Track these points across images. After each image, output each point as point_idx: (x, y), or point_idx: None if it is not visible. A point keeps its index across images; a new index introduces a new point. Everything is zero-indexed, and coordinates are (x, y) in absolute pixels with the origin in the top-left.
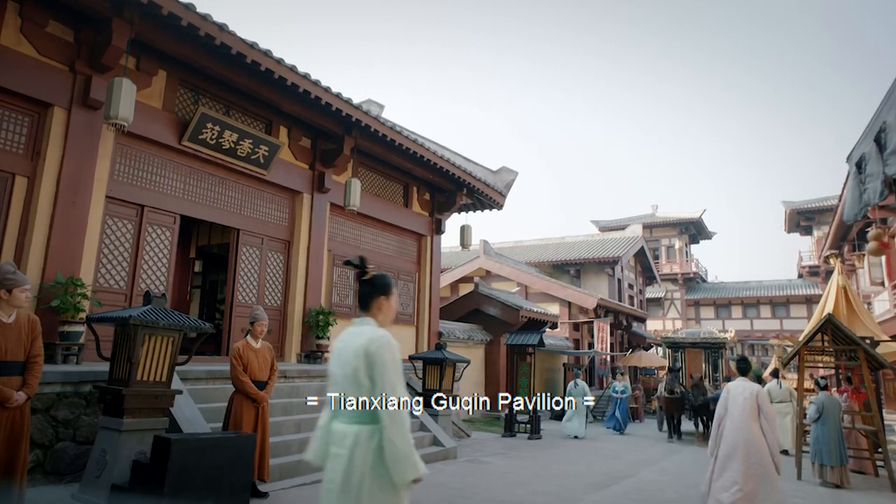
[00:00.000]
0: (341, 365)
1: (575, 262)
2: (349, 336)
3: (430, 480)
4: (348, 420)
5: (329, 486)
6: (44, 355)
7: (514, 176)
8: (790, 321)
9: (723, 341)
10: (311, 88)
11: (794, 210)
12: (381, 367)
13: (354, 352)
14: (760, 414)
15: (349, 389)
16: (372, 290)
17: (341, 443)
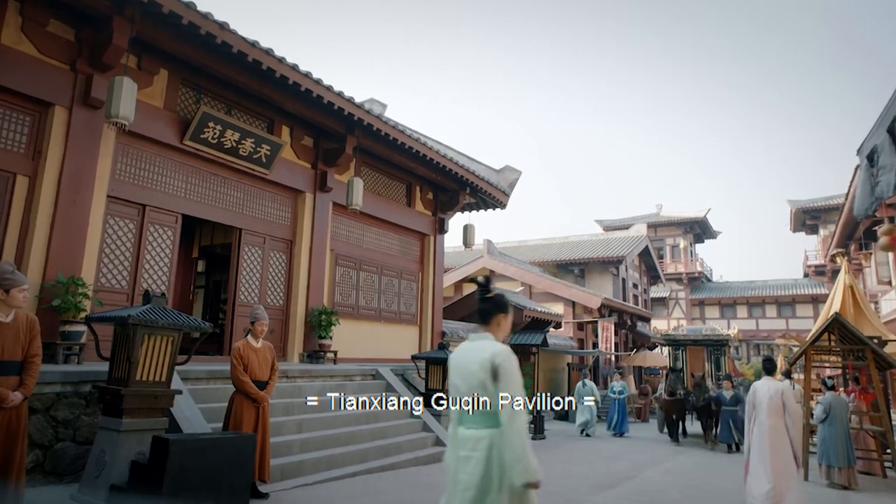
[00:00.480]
0: (465, 377)
1: (579, 262)
2: (470, 350)
3: (432, 481)
4: (478, 426)
5: (464, 485)
6: (42, 355)
7: (517, 175)
8: (796, 321)
9: (725, 338)
10: (313, 87)
11: (799, 209)
12: (504, 377)
13: (480, 365)
14: (785, 411)
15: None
16: (493, 307)
17: (475, 446)
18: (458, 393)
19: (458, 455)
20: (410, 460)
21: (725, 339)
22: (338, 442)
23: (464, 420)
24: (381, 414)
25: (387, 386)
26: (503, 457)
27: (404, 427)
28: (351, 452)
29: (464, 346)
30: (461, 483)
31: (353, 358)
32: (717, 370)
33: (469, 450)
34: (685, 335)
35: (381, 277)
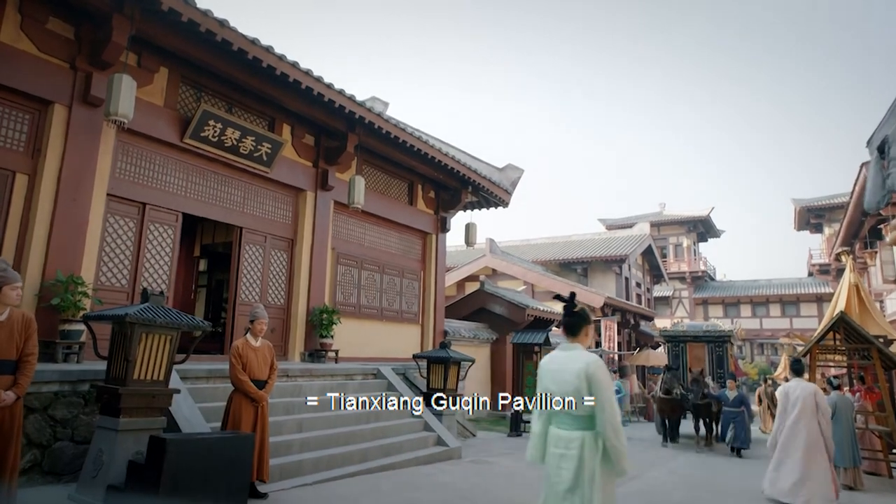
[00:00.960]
0: (560, 384)
1: (582, 261)
2: (563, 360)
3: (433, 481)
4: (571, 427)
5: (558, 479)
6: (37, 354)
7: (519, 173)
8: (800, 320)
9: (727, 334)
10: (314, 85)
11: (803, 207)
12: (599, 385)
13: (576, 374)
14: (818, 411)
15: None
16: (581, 320)
17: (568, 445)
18: (550, 396)
19: (553, 451)
20: (411, 460)
21: (727, 335)
22: (338, 441)
23: (556, 421)
24: (381, 413)
25: (388, 385)
26: (597, 455)
27: (405, 426)
28: (351, 452)
29: (555, 354)
30: (558, 478)
31: (355, 357)
32: (719, 368)
33: (563, 448)
34: (684, 331)
35: (382, 276)
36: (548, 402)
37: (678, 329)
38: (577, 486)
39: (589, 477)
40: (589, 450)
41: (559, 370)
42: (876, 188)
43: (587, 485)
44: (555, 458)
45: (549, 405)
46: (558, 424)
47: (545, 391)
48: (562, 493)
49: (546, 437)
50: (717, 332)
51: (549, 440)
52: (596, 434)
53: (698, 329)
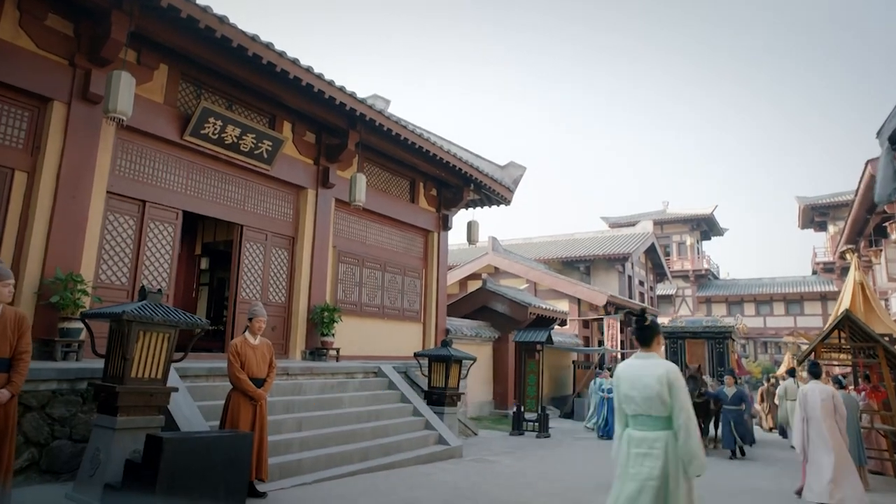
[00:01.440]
0: (640, 389)
1: (585, 259)
2: (641, 367)
3: (434, 480)
4: (653, 428)
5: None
6: (31, 352)
7: (522, 171)
8: (804, 318)
9: (728, 330)
10: (314, 82)
11: (807, 206)
12: (678, 390)
13: (657, 379)
14: (836, 413)
15: (654, 407)
16: (653, 331)
17: (652, 445)
18: (630, 401)
19: (632, 451)
20: (412, 459)
21: (728, 330)
22: (338, 440)
23: (636, 423)
24: (382, 412)
25: (389, 383)
26: (678, 453)
27: (406, 425)
28: (351, 451)
29: (631, 362)
30: (643, 474)
31: (356, 355)
32: (720, 366)
33: (647, 447)
34: (683, 327)
35: (384, 274)
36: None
37: (676, 325)
38: (667, 481)
39: (674, 473)
40: (673, 448)
41: (639, 376)
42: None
43: (672, 480)
44: (637, 457)
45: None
46: (638, 427)
47: (625, 396)
48: (650, 490)
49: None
50: (717, 328)
51: (628, 442)
52: (673, 434)
53: (697, 325)
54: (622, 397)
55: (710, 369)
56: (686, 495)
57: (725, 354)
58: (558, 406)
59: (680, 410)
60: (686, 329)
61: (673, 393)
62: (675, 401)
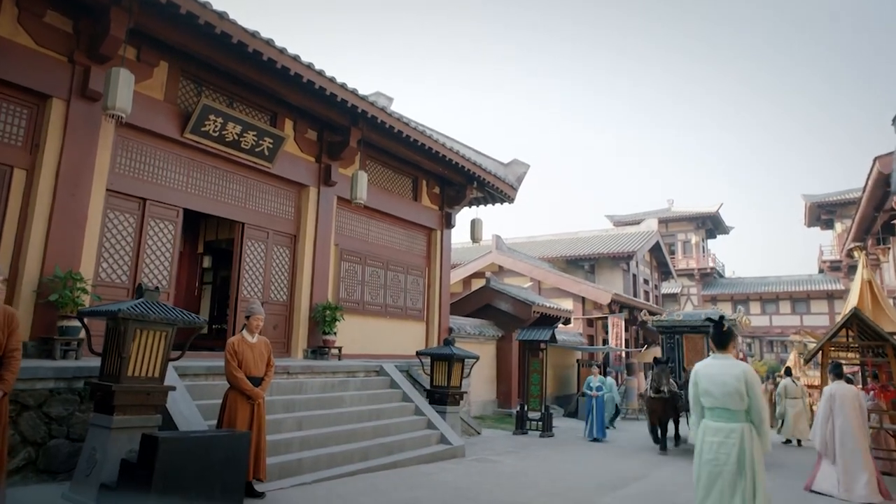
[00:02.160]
0: (720, 385)
1: (589, 258)
2: (719, 367)
3: (435, 480)
4: (729, 420)
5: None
6: (21, 349)
7: (525, 168)
8: (810, 317)
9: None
10: (315, 78)
11: (814, 204)
12: (753, 388)
13: (735, 378)
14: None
15: (732, 402)
16: (729, 336)
17: (728, 435)
18: (708, 395)
19: (707, 440)
20: (413, 458)
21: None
22: (339, 440)
23: (712, 415)
24: (384, 411)
25: (391, 382)
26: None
27: (407, 424)
28: (352, 450)
29: (709, 362)
30: (720, 459)
31: (359, 354)
32: None
33: (723, 437)
34: (680, 321)
35: (386, 273)
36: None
37: (673, 318)
38: (742, 466)
39: (750, 458)
40: (748, 437)
41: (717, 374)
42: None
43: (749, 464)
44: (713, 445)
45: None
46: (715, 418)
47: (703, 391)
48: (728, 472)
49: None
50: None
51: (704, 431)
52: (749, 426)
53: (696, 318)
54: (701, 391)
55: None
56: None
57: None
58: (562, 405)
59: (757, 404)
60: (684, 322)
61: (750, 391)
62: (753, 398)
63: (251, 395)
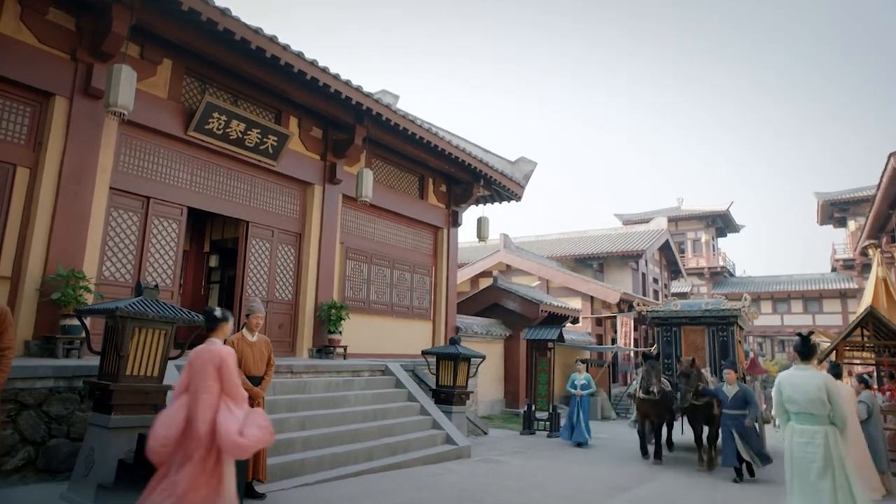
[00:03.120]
0: (803, 393)
1: (598, 256)
2: (802, 377)
3: (440, 480)
4: (814, 423)
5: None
6: (14, 348)
7: (532, 166)
8: (823, 316)
9: (733, 314)
10: (319, 76)
11: (826, 201)
12: (834, 395)
13: (817, 387)
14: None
15: (815, 408)
16: (814, 350)
17: (814, 436)
18: (793, 402)
19: (798, 440)
20: (419, 459)
21: (733, 314)
22: (342, 440)
23: (798, 419)
24: (388, 411)
25: (396, 382)
26: (839, 441)
27: (413, 424)
28: (356, 451)
29: (792, 372)
30: (808, 458)
31: (364, 353)
32: (723, 358)
33: (809, 437)
34: (677, 311)
35: (392, 271)
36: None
37: (670, 309)
38: (828, 465)
39: (837, 456)
40: (833, 438)
41: (801, 384)
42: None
43: (837, 461)
44: (801, 445)
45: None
46: (800, 421)
47: (787, 398)
48: (815, 470)
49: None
50: (720, 312)
51: (791, 432)
52: (833, 427)
53: (696, 308)
54: (785, 398)
55: (711, 363)
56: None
57: (730, 344)
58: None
59: (839, 409)
60: (682, 314)
61: (832, 398)
62: (835, 404)
63: (251, 394)
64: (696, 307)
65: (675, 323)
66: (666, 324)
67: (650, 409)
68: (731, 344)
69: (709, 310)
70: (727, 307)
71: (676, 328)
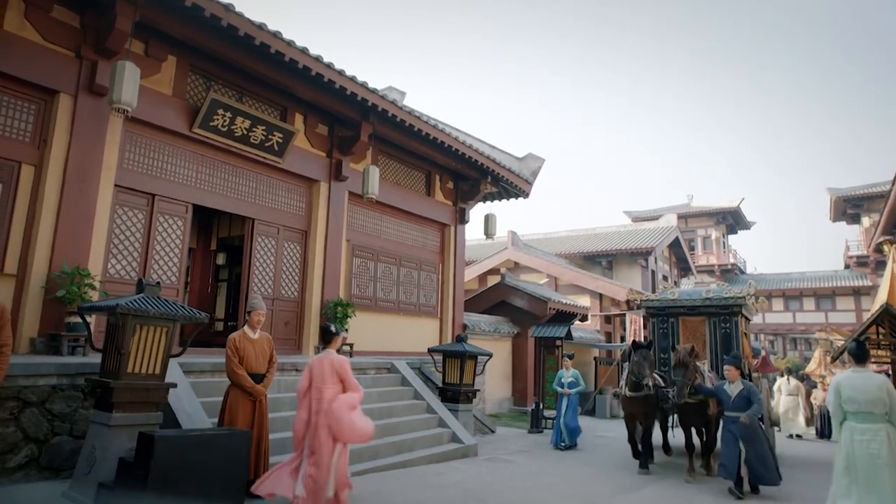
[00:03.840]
0: (862, 393)
1: (607, 254)
2: (860, 378)
3: (444, 480)
4: (875, 421)
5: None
6: (11, 345)
7: (540, 163)
8: (836, 314)
9: (738, 302)
10: (324, 71)
11: (840, 197)
12: (894, 395)
13: (877, 388)
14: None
15: (875, 407)
16: (868, 353)
17: (875, 434)
18: (852, 402)
19: (856, 438)
20: (424, 458)
21: (738, 302)
22: None
23: (856, 418)
24: (394, 409)
25: (402, 380)
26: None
27: (418, 423)
28: (360, 449)
29: (849, 374)
30: (871, 454)
31: (371, 351)
32: (727, 350)
33: (870, 436)
34: (674, 300)
35: (399, 269)
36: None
37: (666, 297)
38: (892, 459)
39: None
40: (893, 436)
41: (860, 385)
42: None
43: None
44: (863, 442)
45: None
46: (860, 420)
47: (847, 398)
48: (881, 464)
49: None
50: (722, 300)
51: (851, 431)
52: (890, 425)
53: (696, 296)
54: (844, 399)
55: (712, 357)
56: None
57: (734, 336)
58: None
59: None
60: (680, 303)
61: (891, 398)
62: (893, 401)
63: (252, 392)
64: (695, 295)
65: (673, 313)
66: (662, 314)
67: (639, 408)
68: (735, 336)
69: (710, 298)
70: (731, 295)
71: (674, 319)
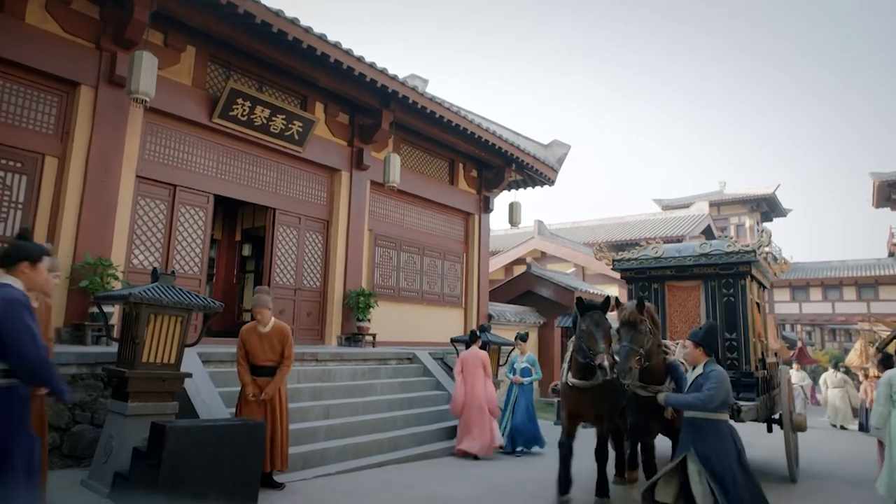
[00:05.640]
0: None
1: (636, 243)
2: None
3: (465, 472)
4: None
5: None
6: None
7: (566, 150)
8: (879, 304)
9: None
10: (343, 58)
11: (883, 182)
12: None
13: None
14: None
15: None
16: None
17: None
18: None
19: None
20: (445, 449)
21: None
22: (366, 429)
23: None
24: (415, 399)
25: (424, 370)
26: None
27: (440, 414)
28: (380, 440)
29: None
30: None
31: (394, 341)
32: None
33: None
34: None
35: (422, 258)
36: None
37: (647, 255)
38: None
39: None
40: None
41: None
42: None
43: None
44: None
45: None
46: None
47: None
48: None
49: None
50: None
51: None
52: None
53: (687, 253)
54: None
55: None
56: None
57: (739, 306)
58: None
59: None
60: (665, 263)
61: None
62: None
63: (244, 386)
64: (687, 251)
65: (657, 276)
66: (641, 278)
67: (586, 402)
68: (740, 307)
69: (706, 254)
70: (736, 250)
71: (658, 284)
